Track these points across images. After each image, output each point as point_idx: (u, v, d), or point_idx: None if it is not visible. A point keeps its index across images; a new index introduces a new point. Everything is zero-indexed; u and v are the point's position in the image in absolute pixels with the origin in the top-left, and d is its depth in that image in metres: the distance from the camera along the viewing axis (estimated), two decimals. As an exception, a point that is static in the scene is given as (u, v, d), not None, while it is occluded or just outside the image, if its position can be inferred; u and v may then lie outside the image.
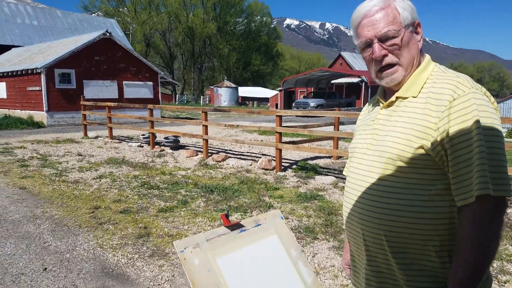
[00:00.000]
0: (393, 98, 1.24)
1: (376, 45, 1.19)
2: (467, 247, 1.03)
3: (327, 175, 7.16)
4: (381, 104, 1.29)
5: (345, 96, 34.82)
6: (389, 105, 1.25)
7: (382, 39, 1.18)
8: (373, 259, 1.24)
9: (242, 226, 1.45)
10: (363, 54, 1.26)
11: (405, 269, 1.17)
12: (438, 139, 1.09)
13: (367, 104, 1.45)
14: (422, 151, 1.11)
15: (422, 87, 1.19)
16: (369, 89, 31.13)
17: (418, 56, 1.22)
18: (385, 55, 1.20)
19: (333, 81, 37.23)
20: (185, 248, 1.31)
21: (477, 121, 1.05)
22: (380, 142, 1.21)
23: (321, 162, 8.57)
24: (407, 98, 1.20)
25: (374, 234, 1.19)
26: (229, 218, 1.44)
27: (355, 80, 35.14)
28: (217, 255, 1.33)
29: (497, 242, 1.04)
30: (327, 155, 9.12)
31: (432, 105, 1.12)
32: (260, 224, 1.49)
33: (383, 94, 1.33)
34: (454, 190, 1.08)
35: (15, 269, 3.39)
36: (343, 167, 7.97)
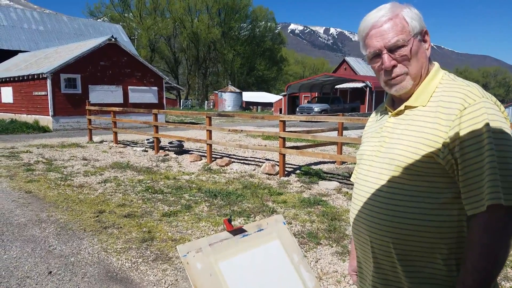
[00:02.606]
0: (401, 107, 1.24)
1: (386, 56, 1.19)
2: (476, 255, 1.03)
3: (331, 180, 7.16)
4: (389, 113, 1.30)
5: (349, 101, 34.78)
6: (397, 114, 1.25)
7: (391, 49, 1.18)
8: (380, 266, 1.24)
9: (244, 231, 1.46)
10: (372, 64, 1.26)
11: (412, 277, 1.17)
12: (449, 147, 1.09)
13: (375, 111, 1.45)
14: (431, 159, 1.11)
15: (431, 96, 1.19)
16: (374, 94, 31.12)
17: (426, 65, 1.22)
18: (395, 66, 1.20)
19: (337, 86, 37.25)
20: (188, 253, 1.32)
21: (488, 130, 1.05)
22: (388, 150, 1.21)
23: (324, 167, 8.57)
24: (416, 107, 1.21)
25: (381, 241, 1.20)
26: (232, 222, 1.46)
27: (359, 85, 35.13)
28: (219, 260, 1.35)
29: (507, 251, 1.04)
30: (330, 160, 9.13)
31: (443, 114, 1.12)
32: (263, 229, 1.50)
33: (391, 103, 1.33)
34: (464, 199, 1.08)
35: (21, 272, 3.43)
36: (347, 172, 8.00)
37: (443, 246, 1.13)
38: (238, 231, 1.44)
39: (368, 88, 32.08)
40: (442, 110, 1.13)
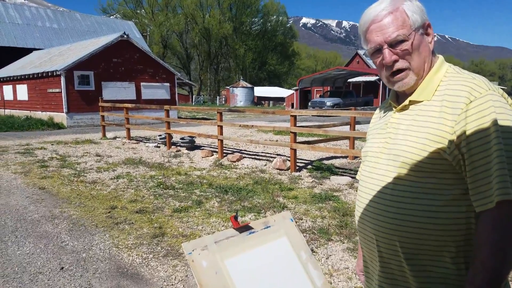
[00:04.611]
0: (406, 102, 1.21)
1: (386, 51, 1.16)
2: (486, 253, 1.00)
3: (343, 175, 7.09)
4: (394, 108, 1.27)
5: (362, 95, 34.42)
6: (402, 109, 1.22)
7: (392, 44, 1.16)
8: (386, 265, 1.21)
9: (251, 228, 1.44)
10: (373, 59, 1.23)
11: (419, 276, 1.14)
12: (455, 142, 1.06)
13: (379, 107, 1.43)
14: (438, 155, 1.08)
15: (436, 90, 1.16)
16: (387, 88, 30.64)
17: (430, 58, 1.19)
18: (396, 61, 1.17)
19: (350, 80, 36.88)
20: (193, 250, 1.30)
21: (495, 124, 1.01)
22: (394, 146, 1.18)
23: (336, 162, 8.49)
24: (421, 101, 1.18)
25: (387, 240, 1.17)
26: (242, 218, 1.43)
27: (372, 78, 34.73)
28: (225, 257, 1.33)
29: None
30: (342, 155, 9.04)
31: (448, 108, 1.09)
32: (270, 226, 1.48)
33: (395, 98, 1.30)
34: (472, 195, 1.05)
35: (33, 268, 3.47)
36: (360, 167, 7.84)
37: (451, 244, 1.10)
38: (244, 228, 1.42)
39: (381, 82, 31.66)
40: (448, 104, 1.10)
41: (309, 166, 7.95)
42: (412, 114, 1.18)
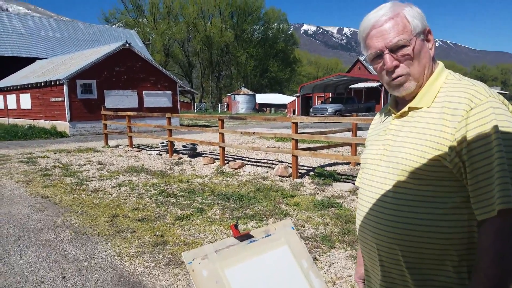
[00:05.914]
0: (405, 109, 1.20)
1: (387, 56, 1.16)
2: (488, 262, 0.99)
3: (345, 182, 7.07)
4: (393, 114, 1.26)
5: (364, 101, 34.43)
6: (401, 115, 1.21)
7: (393, 49, 1.15)
8: (388, 275, 1.20)
9: (251, 236, 1.43)
10: (374, 65, 1.23)
11: (421, 285, 1.13)
12: (456, 150, 1.05)
13: (378, 113, 1.42)
14: (438, 163, 1.07)
15: (435, 96, 1.15)
16: (389, 94, 30.67)
17: (430, 65, 1.19)
18: (397, 66, 1.16)
19: (351, 86, 36.92)
20: (193, 259, 1.30)
21: (497, 130, 1.01)
22: (393, 153, 1.17)
23: (339, 168, 8.48)
24: (420, 108, 1.17)
25: (389, 249, 1.16)
26: (244, 226, 1.43)
27: (374, 84, 34.74)
28: (225, 267, 1.32)
29: None
30: (345, 162, 9.02)
31: (448, 115, 1.08)
32: (270, 235, 1.47)
33: (394, 104, 1.29)
34: (473, 204, 1.04)
35: (35, 277, 3.47)
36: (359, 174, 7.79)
37: (453, 253, 1.09)
38: (245, 237, 1.41)
39: (383, 88, 31.67)
40: (448, 111, 1.09)
41: (311, 173, 7.93)
42: (411, 121, 1.17)
